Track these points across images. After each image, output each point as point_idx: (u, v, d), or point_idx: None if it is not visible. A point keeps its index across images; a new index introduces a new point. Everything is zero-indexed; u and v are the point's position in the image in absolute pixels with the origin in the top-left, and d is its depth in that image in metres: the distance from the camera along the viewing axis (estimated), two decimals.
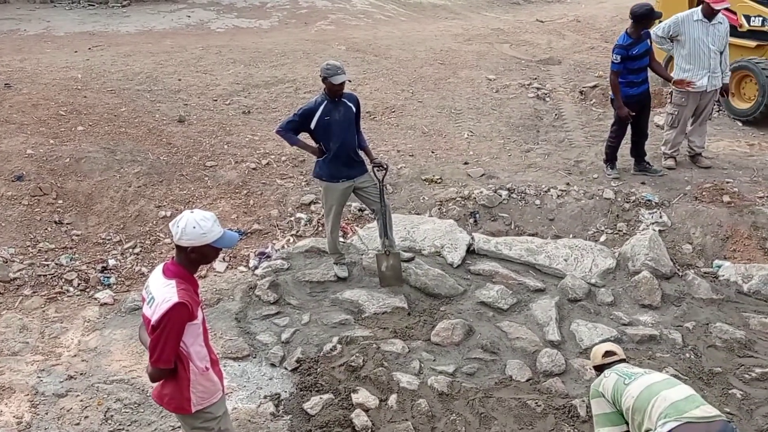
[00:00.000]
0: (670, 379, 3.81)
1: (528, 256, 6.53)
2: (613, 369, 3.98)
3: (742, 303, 5.99)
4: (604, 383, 3.90)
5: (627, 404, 3.69)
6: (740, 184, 7.36)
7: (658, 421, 3.48)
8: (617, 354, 4.16)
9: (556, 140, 8.95)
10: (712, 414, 3.47)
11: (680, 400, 3.53)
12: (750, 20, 9.19)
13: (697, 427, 3.39)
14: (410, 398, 4.84)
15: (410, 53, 12.45)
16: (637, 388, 3.69)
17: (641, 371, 3.91)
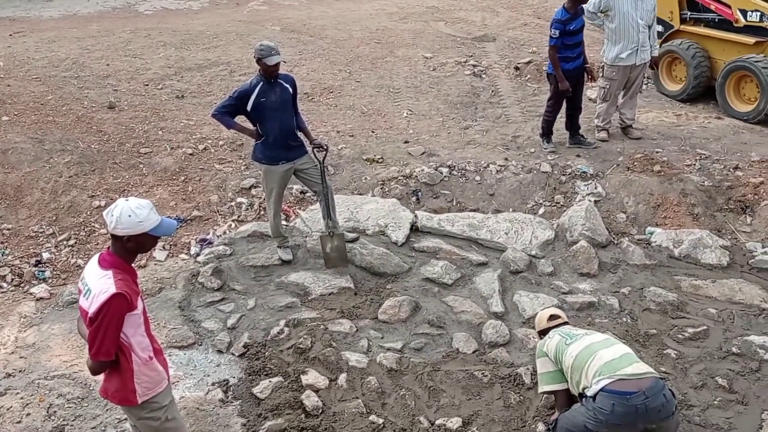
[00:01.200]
0: (609, 339, 3.97)
1: (470, 231, 6.63)
2: (557, 330, 4.12)
3: (674, 267, 6.24)
4: (548, 344, 4.05)
5: (567, 363, 3.84)
6: (669, 154, 7.64)
7: (594, 378, 3.64)
8: (561, 317, 4.31)
9: (494, 116, 9.07)
10: (643, 371, 3.64)
11: (615, 359, 3.69)
12: (747, 15, 8.60)
13: (628, 383, 3.55)
14: (360, 376, 4.86)
15: (346, 33, 12.36)
16: (577, 348, 3.85)
17: (583, 332, 4.06)
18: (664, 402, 3.58)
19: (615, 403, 3.54)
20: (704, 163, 7.40)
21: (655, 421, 3.60)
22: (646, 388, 3.55)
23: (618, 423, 3.60)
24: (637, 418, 3.56)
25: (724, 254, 6.31)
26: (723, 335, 5.34)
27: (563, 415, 3.86)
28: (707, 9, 9.10)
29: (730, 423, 4.49)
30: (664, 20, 9.40)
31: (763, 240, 6.55)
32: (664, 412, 3.58)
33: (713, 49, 9.06)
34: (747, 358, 5.07)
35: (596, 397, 3.62)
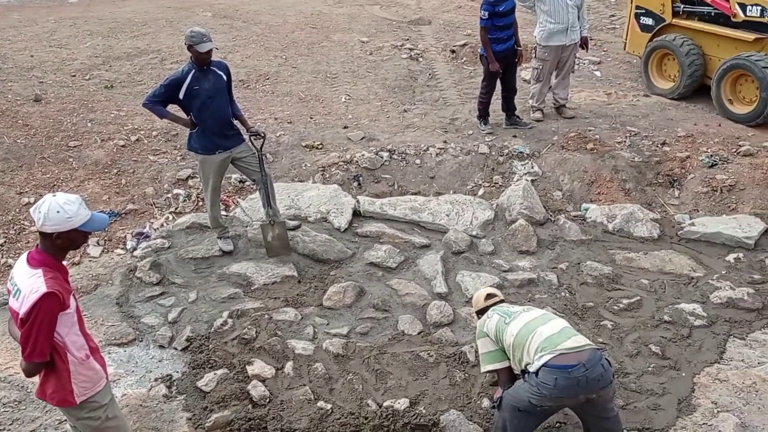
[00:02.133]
0: (546, 315, 4.07)
1: (412, 214, 6.67)
2: (495, 309, 4.18)
3: (608, 241, 6.45)
4: (488, 324, 4.11)
5: (508, 342, 3.92)
6: (601, 132, 7.86)
7: (535, 355, 3.74)
8: (498, 296, 4.39)
9: (432, 99, 9.12)
10: (582, 344, 3.76)
11: (554, 334, 3.80)
12: (746, 9, 7.97)
13: (568, 356, 3.66)
14: (306, 363, 4.86)
15: (280, 18, 12.18)
16: (516, 326, 3.92)
17: (520, 309, 4.14)
18: (602, 372, 3.70)
19: (557, 377, 3.65)
20: (634, 140, 7.64)
21: (595, 391, 3.73)
22: (586, 360, 3.66)
23: (561, 395, 3.71)
24: (578, 390, 3.67)
25: (655, 227, 6.55)
26: (655, 304, 5.56)
27: (507, 392, 3.94)
28: (703, 2, 8.54)
29: (664, 388, 4.69)
30: (654, 13, 9.00)
31: (690, 212, 6.82)
32: (603, 381, 3.71)
33: (708, 45, 8.48)
34: (678, 326, 5.29)
35: (539, 372, 3.71)
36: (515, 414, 3.85)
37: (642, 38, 9.27)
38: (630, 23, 9.53)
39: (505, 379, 4.10)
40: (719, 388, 4.67)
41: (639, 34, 9.34)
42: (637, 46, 9.42)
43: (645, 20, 9.23)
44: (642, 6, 9.21)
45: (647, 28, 9.19)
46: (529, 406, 3.78)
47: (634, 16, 9.34)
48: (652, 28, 9.09)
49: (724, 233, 6.31)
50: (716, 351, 5.03)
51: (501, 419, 3.92)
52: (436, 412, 4.43)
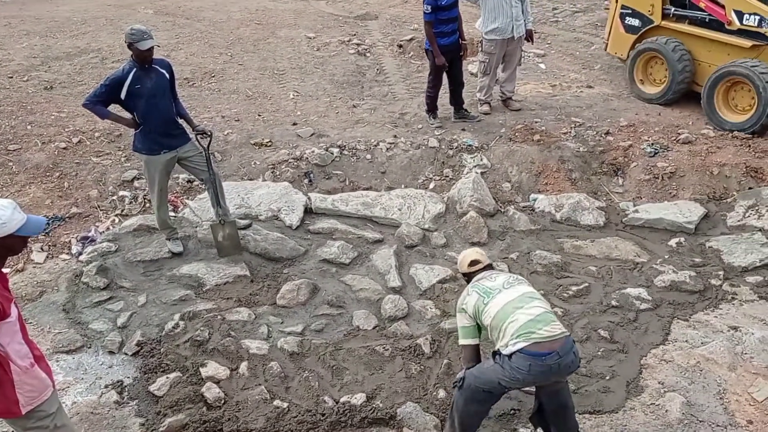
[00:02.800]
0: (525, 294, 4.00)
1: (364, 209, 6.68)
2: (475, 287, 4.11)
3: (556, 230, 6.58)
4: (467, 301, 4.08)
5: (486, 322, 3.95)
6: (547, 123, 8.01)
7: (511, 339, 3.78)
8: (482, 261, 4.30)
9: (380, 94, 9.13)
10: (557, 333, 3.80)
11: (532, 320, 3.80)
12: (743, 18, 7.63)
13: (543, 345, 3.73)
14: (261, 363, 4.81)
15: (224, 14, 12.00)
16: (495, 308, 3.91)
17: (501, 284, 4.05)
18: (573, 359, 3.82)
19: (531, 364, 3.72)
20: (579, 131, 7.81)
21: (564, 375, 3.88)
22: (559, 348, 3.74)
23: (534, 380, 3.83)
24: (550, 375, 3.79)
25: (601, 215, 6.71)
26: (603, 290, 5.70)
27: (471, 372, 3.96)
28: (695, 6, 8.17)
29: (613, 371, 4.82)
30: (642, 14, 8.62)
31: (634, 199, 7.02)
32: (573, 367, 3.85)
33: (698, 49, 8.15)
34: (625, 310, 5.44)
35: (512, 356, 3.76)
36: (477, 393, 3.91)
37: (626, 39, 8.87)
38: (613, 23, 9.05)
39: (470, 356, 4.10)
40: (665, 368, 4.83)
41: (623, 35, 8.91)
42: (620, 47, 9.00)
43: (631, 21, 8.78)
44: (628, 6, 8.76)
45: (633, 30, 8.76)
46: (497, 387, 3.85)
47: (619, 17, 8.89)
48: (638, 30, 8.70)
49: (666, 219, 6.51)
50: (662, 333, 5.19)
51: (461, 399, 3.96)
52: (392, 405, 4.46)
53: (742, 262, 5.89)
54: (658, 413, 4.43)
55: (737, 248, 6.04)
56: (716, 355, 4.88)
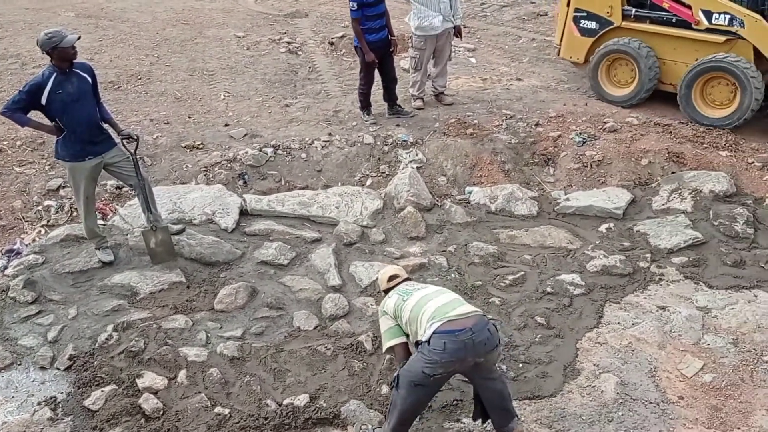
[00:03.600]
0: (441, 290, 4.27)
1: (301, 209, 6.63)
2: (396, 290, 4.32)
3: (492, 221, 6.69)
4: (387, 303, 4.26)
5: (405, 318, 4.09)
6: (479, 116, 8.12)
7: (427, 324, 3.93)
8: (400, 276, 4.49)
9: (314, 93, 9.08)
10: (469, 310, 4.00)
11: (443, 305, 4.01)
12: (711, 17, 7.56)
13: (456, 322, 3.89)
14: (201, 370, 4.73)
15: (149, 15, 11.68)
16: (412, 302, 4.10)
17: (419, 286, 4.31)
18: (488, 336, 3.93)
19: (446, 342, 3.83)
20: (510, 123, 7.96)
21: (482, 354, 3.94)
22: (473, 325, 3.88)
23: (451, 360, 3.87)
24: (466, 353, 3.87)
25: (534, 204, 6.86)
26: (538, 278, 5.84)
27: (403, 369, 4.04)
28: (658, 7, 8.02)
29: (551, 356, 4.95)
30: (599, 16, 8.36)
31: (565, 188, 7.20)
32: (490, 344, 3.93)
33: (661, 48, 8.05)
34: (560, 296, 5.59)
35: (430, 340, 3.89)
36: (411, 389, 3.96)
37: (582, 43, 8.60)
38: (566, 27, 8.73)
39: (401, 355, 4.21)
40: (600, 351, 4.99)
41: (578, 38, 8.61)
42: (576, 51, 8.73)
43: (586, 24, 8.50)
44: (583, 9, 8.46)
45: (589, 32, 8.48)
46: (423, 377, 3.91)
47: (573, 20, 8.58)
48: (596, 32, 8.43)
49: (595, 206, 6.72)
50: (595, 316, 5.36)
51: (398, 397, 4.00)
52: (336, 404, 4.46)
53: (667, 244, 6.13)
54: (594, 394, 4.57)
55: (663, 231, 6.29)
56: (646, 335, 5.08)
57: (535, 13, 12.26)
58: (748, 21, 7.37)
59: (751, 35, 7.39)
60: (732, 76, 7.42)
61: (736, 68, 7.34)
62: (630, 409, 4.43)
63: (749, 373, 4.72)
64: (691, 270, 5.85)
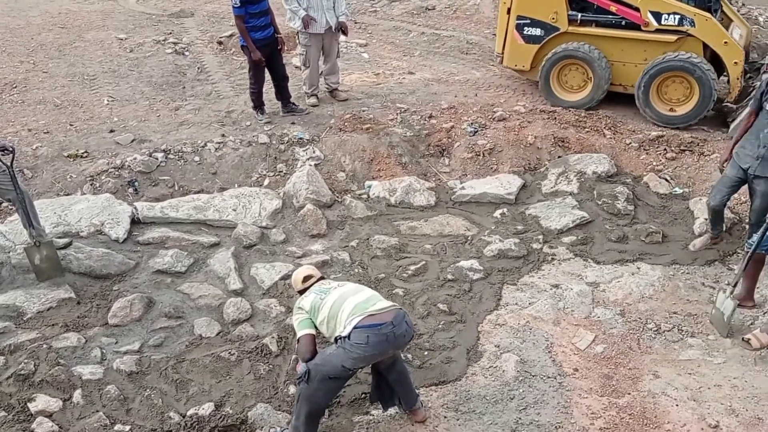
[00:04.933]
0: (358, 287, 4.34)
1: (197, 214, 6.45)
2: (312, 289, 4.32)
3: (392, 214, 6.76)
4: (304, 302, 4.25)
5: (323, 315, 4.12)
6: (374, 111, 8.19)
7: (347, 320, 4.00)
8: (315, 275, 4.50)
9: (204, 94, 8.85)
10: (387, 305, 4.12)
11: (363, 301, 4.10)
12: (661, 19, 7.65)
13: (376, 317, 3.98)
14: (97, 388, 4.52)
15: (23, 20, 11.00)
16: (331, 300, 4.14)
17: (335, 285, 4.33)
18: (407, 328, 4.08)
19: (369, 335, 3.91)
20: (404, 116, 8.07)
21: (401, 346, 4.15)
22: (392, 319, 4.00)
23: (374, 353, 3.97)
24: (387, 345, 3.99)
25: (431, 195, 7.00)
26: (439, 266, 5.96)
27: (315, 363, 4.01)
28: (605, 10, 8.01)
29: (454, 341, 5.08)
30: (544, 22, 8.23)
31: (460, 177, 7.38)
32: (407, 336, 4.11)
33: (610, 50, 8.03)
34: (460, 282, 5.74)
35: (351, 335, 3.94)
36: (324, 383, 3.98)
37: (527, 50, 8.43)
38: (508, 36, 8.53)
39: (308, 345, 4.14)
40: (500, 332, 5.16)
41: (522, 46, 8.43)
42: (521, 59, 8.54)
43: (530, 31, 8.33)
44: (526, 16, 8.29)
45: (534, 39, 8.33)
46: (341, 371, 3.96)
47: (515, 28, 8.39)
48: (541, 39, 8.30)
49: (489, 192, 6.93)
50: (494, 299, 5.54)
51: (308, 390, 3.98)
52: (243, 410, 4.38)
53: (557, 225, 6.42)
54: (497, 374, 4.73)
55: (552, 213, 6.58)
56: (542, 313, 5.30)
57: (424, 7, 12.49)
58: (699, 20, 7.55)
59: (702, 33, 7.59)
60: (690, 74, 7.52)
61: (696, 67, 7.45)
62: (530, 385, 4.61)
63: (636, 341, 5.02)
64: (580, 248, 6.16)
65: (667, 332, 5.09)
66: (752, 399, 4.44)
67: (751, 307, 5.23)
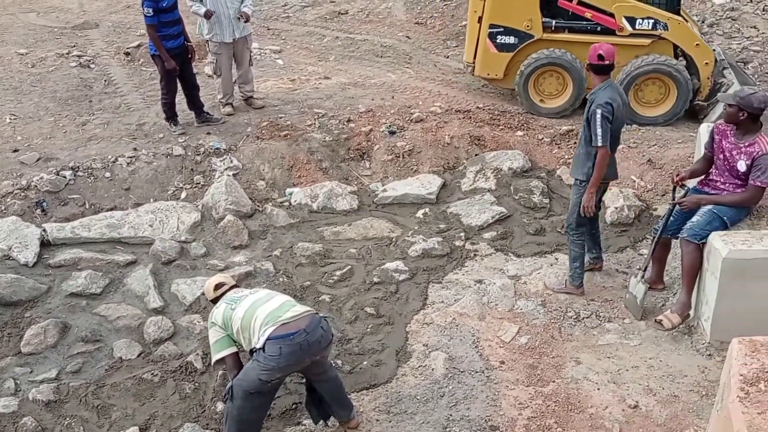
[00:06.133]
0: (270, 293, 4.24)
1: (111, 232, 6.23)
2: (223, 298, 4.22)
3: (315, 220, 6.73)
4: (215, 313, 4.15)
5: (236, 326, 4.02)
6: (291, 117, 8.12)
7: (261, 330, 3.89)
8: (227, 283, 4.40)
9: (113, 107, 8.54)
10: (301, 311, 4.02)
11: (275, 309, 4.00)
12: (635, 23, 7.81)
13: (289, 325, 3.89)
14: (11, 422, 4.31)
15: None
16: (242, 309, 4.03)
17: (247, 292, 4.23)
18: (322, 333, 4.00)
19: (282, 346, 3.82)
20: (322, 121, 8.04)
21: (318, 353, 4.02)
22: (306, 326, 3.91)
23: (288, 363, 3.88)
24: (302, 354, 3.90)
25: (354, 198, 7.00)
26: (365, 269, 5.97)
27: (237, 379, 3.96)
28: (579, 17, 8.06)
29: (383, 344, 5.10)
30: (518, 30, 8.14)
31: (381, 179, 7.42)
32: (324, 342, 4.02)
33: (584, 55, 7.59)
34: (386, 284, 5.77)
35: (265, 346, 3.84)
36: (248, 399, 3.90)
37: (500, 59, 8.30)
38: (480, 45, 8.40)
39: (232, 366, 4.12)
40: (427, 331, 5.22)
41: (495, 54, 8.29)
42: (494, 68, 8.39)
43: (504, 39, 8.22)
44: (499, 24, 8.18)
45: (507, 47, 8.23)
46: (260, 384, 3.88)
47: (488, 36, 8.26)
48: (515, 47, 8.21)
49: (411, 193, 7.01)
50: (420, 299, 5.60)
51: (234, 408, 3.92)
52: (169, 431, 4.24)
53: (477, 221, 6.56)
54: (426, 373, 4.78)
55: (472, 210, 6.71)
56: (467, 309, 5.40)
57: (337, 12, 12.48)
58: (672, 24, 7.82)
59: (675, 36, 7.89)
60: (667, 76, 7.78)
61: (673, 69, 7.73)
62: (459, 381, 4.68)
63: (558, 330, 5.19)
64: (500, 243, 6.31)
65: (586, 319, 5.28)
66: (667, 378, 4.67)
67: (662, 289, 5.50)
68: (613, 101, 5.02)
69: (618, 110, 5.06)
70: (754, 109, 4.65)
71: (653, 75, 7.86)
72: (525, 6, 8.02)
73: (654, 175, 7.02)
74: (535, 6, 8.03)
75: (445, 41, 11.37)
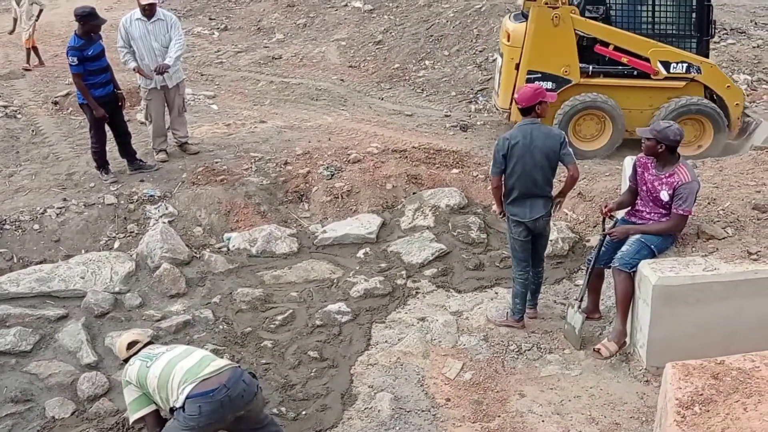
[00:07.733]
0: (188, 349, 4.09)
1: (40, 286, 6.00)
2: (138, 355, 4.06)
3: (254, 264, 6.65)
4: (129, 371, 3.99)
5: (152, 385, 3.86)
6: (227, 162, 8.06)
7: (179, 389, 3.74)
8: (141, 341, 4.24)
9: (41, 157, 8.30)
10: (221, 366, 3.87)
11: (193, 365, 3.84)
12: (670, 67, 8.18)
13: (208, 381, 3.75)
14: None
15: None
16: (158, 367, 3.87)
17: (163, 349, 4.07)
18: (244, 387, 3.84)
19: (201, 405, 3.68)
20: (259, 164, 8.01)
21: (242, 407, 3.85)
22: (226, 381, 3.77)
23: (209, 422, 3.74)
24: (224, 411, 3.75)
25: (294, 241, 6.97)
26: (307, 312, 5.92)
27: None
28: (615, 62, 8.36)
29: (328, 387, 5.03)
30: (556, 75, 8.33)
31: (321, 221, 7.43)
32: (247, 396, 3.84)
33: (620, 99, 8.43)
34: (329, 326, 5.72)
35: (185, 406, 3.71)
36: None
37: None
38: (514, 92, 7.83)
39: (153, 424, 3.98)
40: (372, 372, 5.18)
41: None
42: None
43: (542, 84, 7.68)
44: (537, 70, 8.33)
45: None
46: None
47: (526, 83, 8.13)
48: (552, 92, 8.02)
49: (351, 234, 7.02)
50: (364, 340, 5.56)
51: None
52: None
53: (418, 259, 6.61)
54: (372, 415, 4.72)
55: (412, 248, 6.77)
56: (411, 348, 5.40)
57: (270, 57, 12.60)
58: (705, 67, 8.26)
59: (707, 79, 8.31)
60: (706, 116, 8.23)
61: (711, 109, 8.21)
62: (405, 422, 4.65)
63: (501, 364, 5.23)
64: (441, 279, 6.37)
65: (528, 351, 5.35)
66: (608, 406, 4.76)
67: (598, 318, 5.64)
68: (512, 138, 5.23)
69: (517, 148, 5.19)
70: (670, 141, 4.91)
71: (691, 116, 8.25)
72: (563, 52, 8.25)
73: (585, 207, 7.27)
74: (573, 52, 8.28)
75: (378, 83, 11.60)
